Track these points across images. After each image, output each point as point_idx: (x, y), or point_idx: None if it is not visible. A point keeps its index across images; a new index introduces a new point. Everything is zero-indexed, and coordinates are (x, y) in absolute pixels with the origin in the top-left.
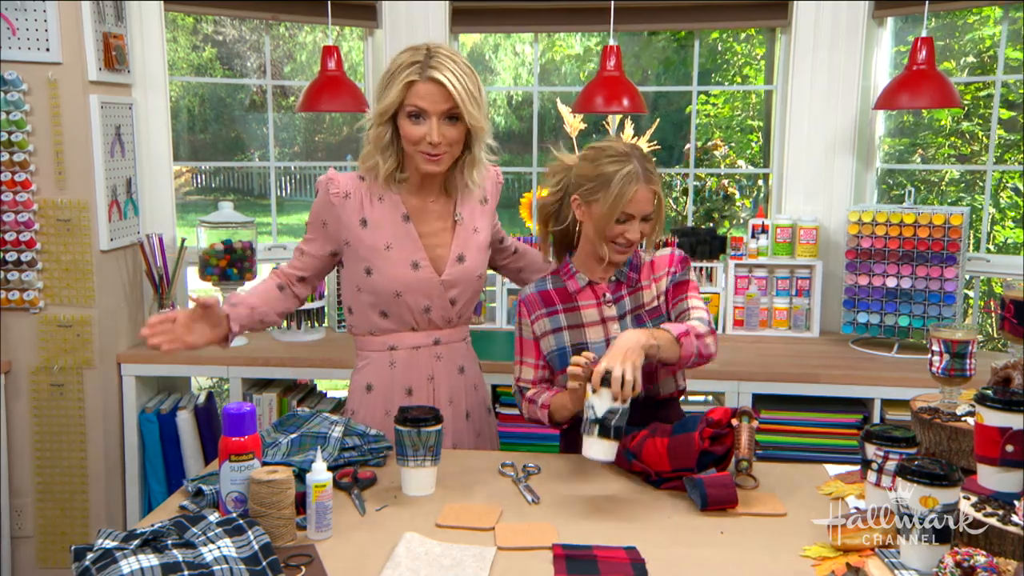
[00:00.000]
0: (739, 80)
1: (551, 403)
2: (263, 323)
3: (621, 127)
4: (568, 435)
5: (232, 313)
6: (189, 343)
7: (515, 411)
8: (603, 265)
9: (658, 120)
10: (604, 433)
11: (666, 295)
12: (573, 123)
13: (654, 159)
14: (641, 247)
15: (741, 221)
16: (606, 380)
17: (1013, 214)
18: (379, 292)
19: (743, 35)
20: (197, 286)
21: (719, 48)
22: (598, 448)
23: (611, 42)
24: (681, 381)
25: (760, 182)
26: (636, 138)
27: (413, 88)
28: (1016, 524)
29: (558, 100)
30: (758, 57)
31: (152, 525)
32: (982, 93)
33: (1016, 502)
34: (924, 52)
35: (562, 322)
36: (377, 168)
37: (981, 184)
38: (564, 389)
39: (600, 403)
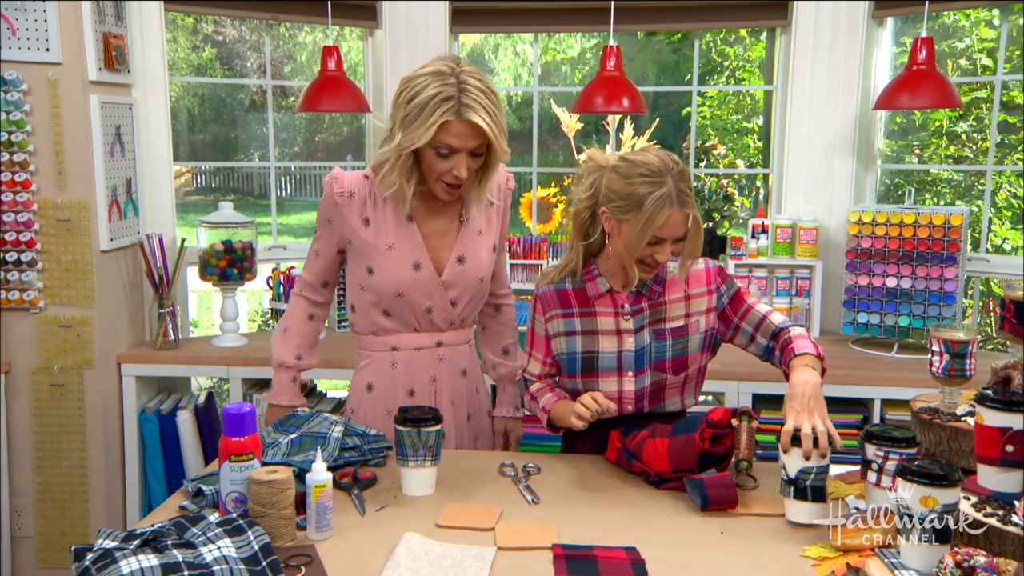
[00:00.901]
0: (732, 84)
1: (552, 410)
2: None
3: (620, 127)
4: (570, 437)
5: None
6: None
7: None
8: (627, 276)
9: (658, 120)
10: (800, 495)
11: (722, 315)
12: (570, 123)
13: (691, 176)
14: (674, 259)
15: (740, 221)
16: (796, 439)
17: (1009, 215)
18: (381, 291)
19: (733, 36)
20: (197, 286)
21: (711, 52)
22: (796, 511)
23: (611, 42)
24: (689, 400)
25: (758, 183)
26: (636, 138)
27: (446, 127)
28: (1016, 524)
29: (552, 101)
30: (752, 60)
31: (152, 525)
32: (974, 94)
33: (1016, 502)
34: (924, 52)
35: (576, 326)
36: (402, 190)
37: (980, 187)
38: (567, 396)
39: (791, 463)
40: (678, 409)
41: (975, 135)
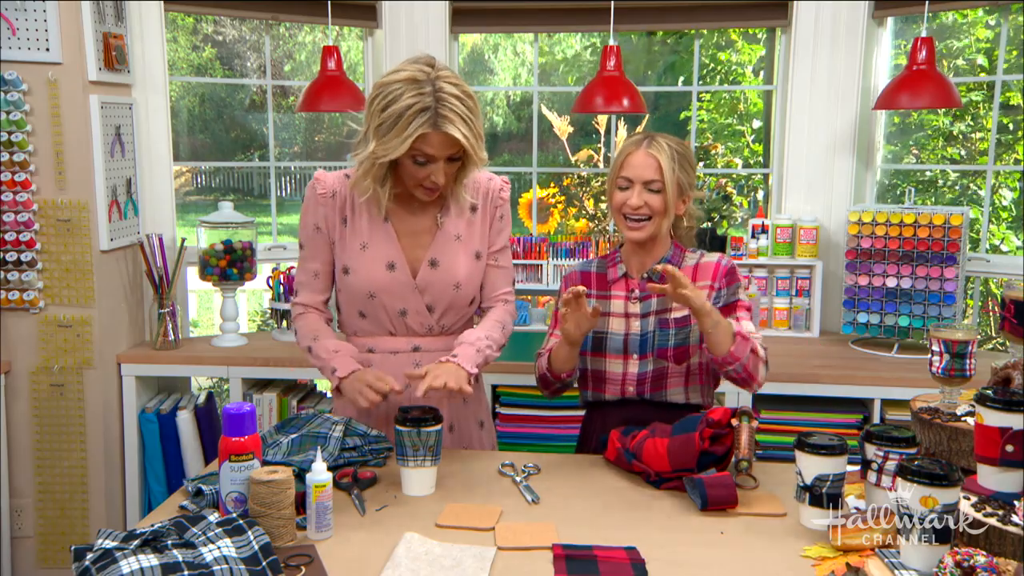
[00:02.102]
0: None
1: (552, 348)
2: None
3: (613, 129)
4: (584, 438)
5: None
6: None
7: (516, 411)
8: (641, 259)
9: (647, 118)
10: (815, 502)
11: None
12: (562, 127)
13: (686, 146)
14: (689, 251)
15: (739, 221)
16: (808, 445)
17: (1005, 215)
18: (354, 292)
19: (724, 39)
20: (197, 286)
21: (703, 57)
22: (810, 516)
23: (611, 42)
24: (694, 395)
25: (753, 183)
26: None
27: (423, 138)
28: (1016, 524)
29: (543, 106)
30: (744, 63)
31: (152, 525)
32: (970, 94)
33: (1016, 502)
34: (924, 52)
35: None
36: (376, 195)
37: (974, 188)
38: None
39: (808, 469)
40: (682, 400)
41: (972, 135)
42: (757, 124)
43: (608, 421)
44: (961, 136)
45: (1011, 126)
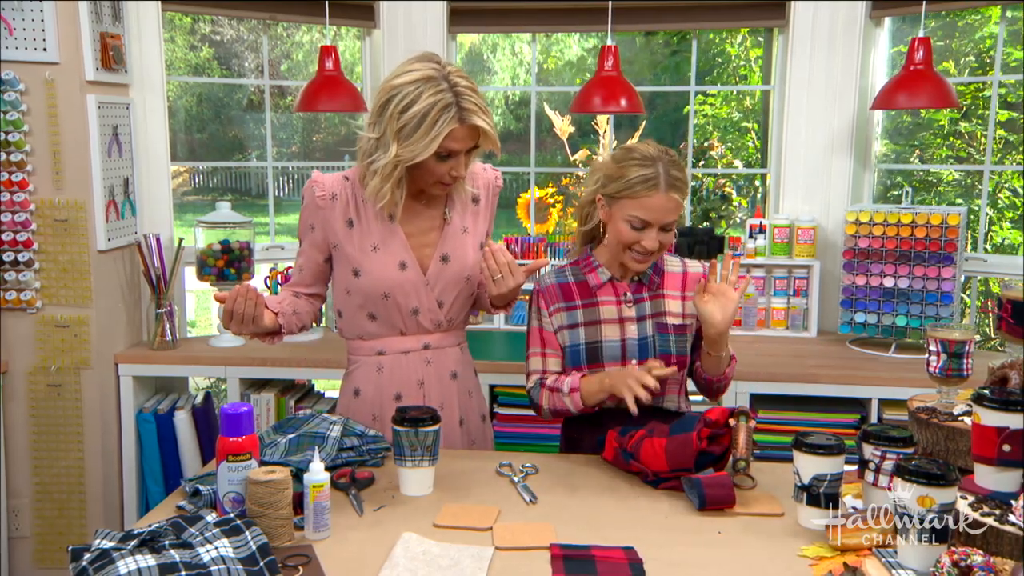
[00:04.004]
0: (734, 82)
1: (581, 386)
2: (297, 315)
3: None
4: (569, 434)
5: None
6: (259, 318)
7: (515, 412)
8: (625, 266)
9: (645, 121)
10: (813, 502)
11: (696, 320)
12: (562, 126)
13: (684, 168)
14: (668, 254)
15: (738, 221)
16: (806, 445)
17: (1011, 215)
18: (367, 293)
19: (738, 37)
20: (195, 286)
21: (711, 52)
22: (807, 516)
23: (609, 42)
24: (683, 402)
25: (757, 183)
26: (616, 143)
27: (450, 134)
28: (1013, 524)
29: (546, 105)
30: (752, 59)
31: (149, 525)
32: (981, 94)
33: (1013, 501)
34: (922, 52)
35: (579, 318)
36: (394, 199)
37: (979, 186)
38: (587, 374)
39: (805, 468)
40: (674, 408)
41: (979, 134)
42: (762, 120)
43: (594, 437)
44: (966, 135)
45: (1020, 123)
